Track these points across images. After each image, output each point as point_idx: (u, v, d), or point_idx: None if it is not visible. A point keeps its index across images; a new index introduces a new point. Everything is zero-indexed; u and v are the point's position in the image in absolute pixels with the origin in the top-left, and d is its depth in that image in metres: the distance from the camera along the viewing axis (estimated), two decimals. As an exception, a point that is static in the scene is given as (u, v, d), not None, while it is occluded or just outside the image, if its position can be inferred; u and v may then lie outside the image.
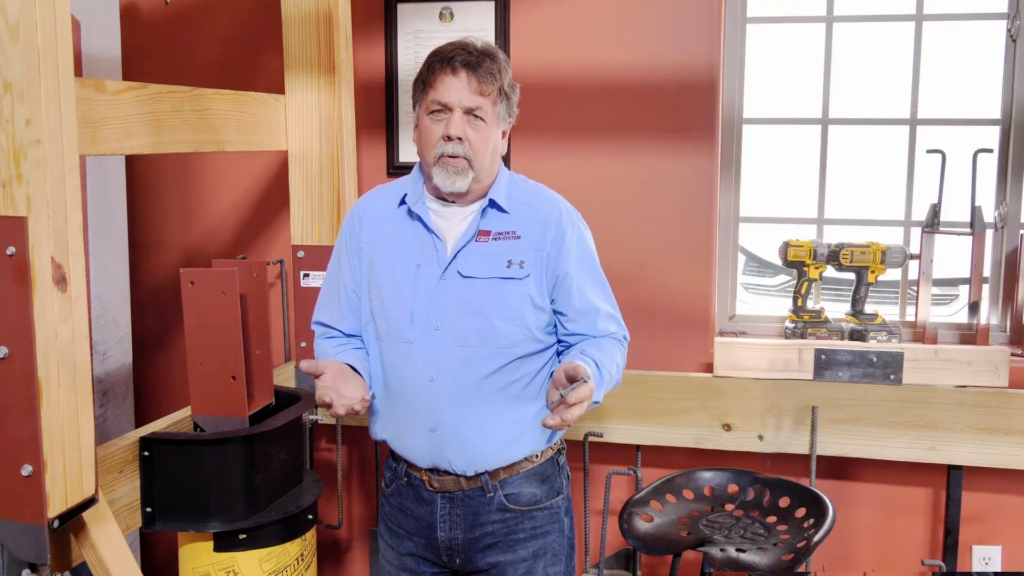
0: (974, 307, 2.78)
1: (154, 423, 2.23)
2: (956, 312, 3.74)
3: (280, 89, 2.65)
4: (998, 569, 2.75)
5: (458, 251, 1.87)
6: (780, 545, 2.22)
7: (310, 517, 2.33)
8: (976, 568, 2.75)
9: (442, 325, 1.86)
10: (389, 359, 1.91)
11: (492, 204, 1.90)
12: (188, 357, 2.18)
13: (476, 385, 1.85)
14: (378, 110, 2.96)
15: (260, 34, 3.01)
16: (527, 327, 1.86)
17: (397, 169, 2.95)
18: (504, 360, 1.85)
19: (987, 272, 2.81)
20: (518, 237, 1.88)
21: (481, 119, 1.84)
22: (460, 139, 1.83)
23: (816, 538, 2.19)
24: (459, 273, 1.86)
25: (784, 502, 2.43)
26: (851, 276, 2.89)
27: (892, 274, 2.90)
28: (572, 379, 1.65)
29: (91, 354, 1.66)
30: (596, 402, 1.76)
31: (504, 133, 1.92)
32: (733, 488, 2.51)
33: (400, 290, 1.89)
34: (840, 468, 2.79)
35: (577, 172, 2.87)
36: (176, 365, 3.21)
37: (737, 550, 2.19)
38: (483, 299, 1.85)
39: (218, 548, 2.18)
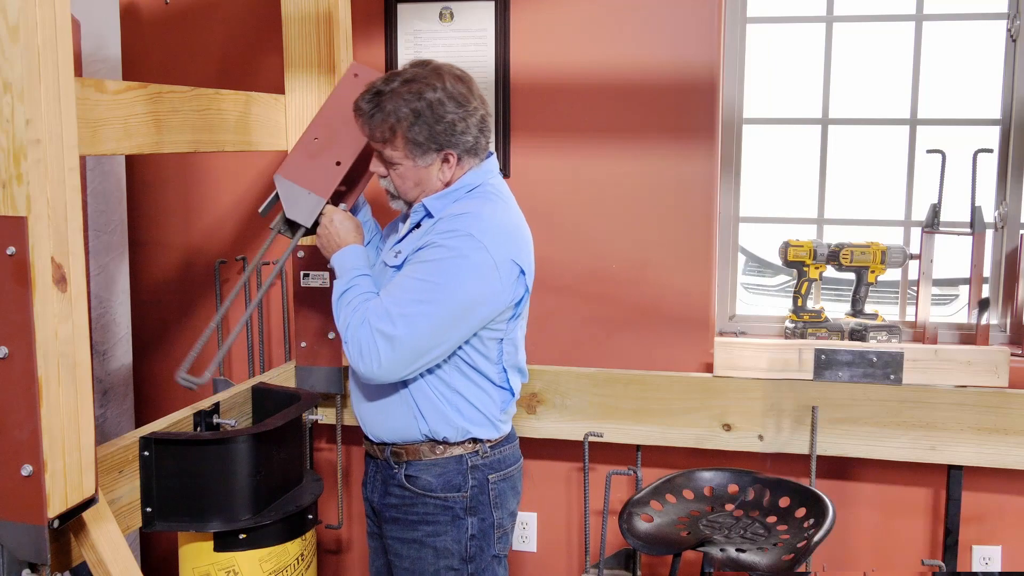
0: (980, 305, 2.78)
1: (154, 423, 2.23)
2: (956, 312, 3.74)
3: (280, 89, 2.65)
4: (998, 569, 2.75)
5: (399, 240, 2.03)
6: (780, 545, 2.22)
7: (310, 517, 2.33)
8: (976, 568, 2.75)
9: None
10: None
11: (423, 207, 1.97)
12: (309, 129, 2.20)
13: None
14: (378, 110, 2.96)
15: (260, 34, 3.01)
16: None
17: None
18: None
19: (987, 272, 2.81)
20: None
21: (392, 163, 1.95)
22: (383, 175, 1.98)
23: (816, 538, 2.18)
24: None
25: (784, 502, 2.43)
26: (851, 276, 2.89)
27: (892, 274, 2.91)
28: None
29: (91, 354, 1.65)
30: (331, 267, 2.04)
31: (447, 158, 1.92)
32: (733, 488, 2.51)
33: None
34: (840, 468, 2.79)
35: (577, 172, 2.87)
36: (176, 365, 3.20)
37: (737, 550, 2.19)
38: (383, 282, 1.98)
39: (218, 548, 2.18)
